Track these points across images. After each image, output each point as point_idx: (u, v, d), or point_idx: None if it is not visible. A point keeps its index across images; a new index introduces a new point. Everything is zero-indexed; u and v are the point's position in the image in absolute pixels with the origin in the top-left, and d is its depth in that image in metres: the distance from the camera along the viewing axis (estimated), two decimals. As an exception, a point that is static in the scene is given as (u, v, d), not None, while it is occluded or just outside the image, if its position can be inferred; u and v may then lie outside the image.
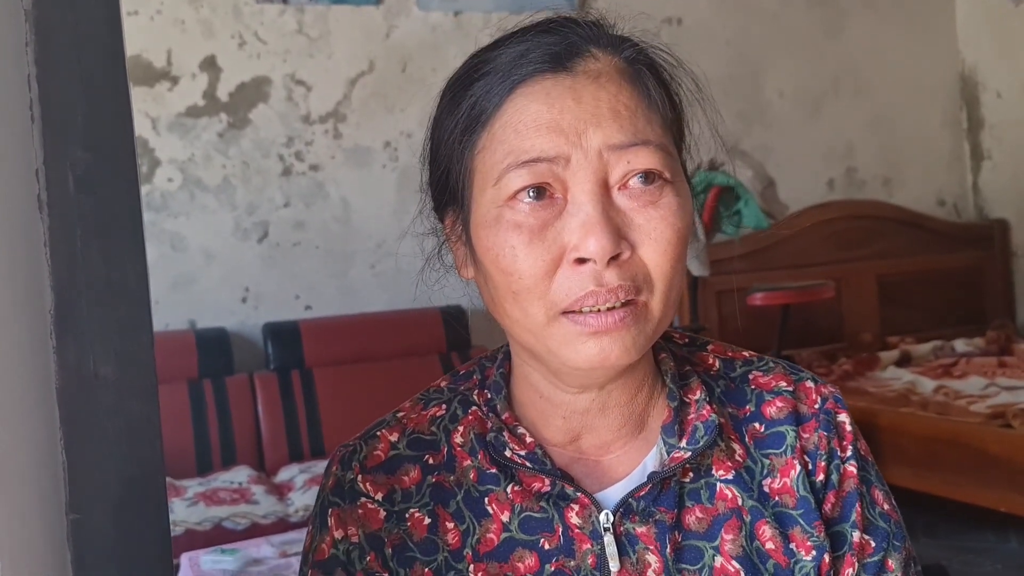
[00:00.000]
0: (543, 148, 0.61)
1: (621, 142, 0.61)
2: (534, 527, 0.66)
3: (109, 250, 0.69)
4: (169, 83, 3.12)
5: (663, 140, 0.63)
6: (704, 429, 0.67)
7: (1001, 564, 2.77)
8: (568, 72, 0.62)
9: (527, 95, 0.62)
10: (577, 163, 0.61)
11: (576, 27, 0.65)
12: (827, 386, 0.73)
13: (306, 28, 3.27)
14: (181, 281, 3.12)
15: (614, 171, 0.61)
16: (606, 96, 0.62)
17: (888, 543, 0.69)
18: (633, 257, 0.62)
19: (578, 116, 0.61)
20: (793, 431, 0.70)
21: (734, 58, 3.88)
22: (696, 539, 0.67)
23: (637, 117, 0.62)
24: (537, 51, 0.63)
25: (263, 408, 2.98)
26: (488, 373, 0.73)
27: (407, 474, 0.69)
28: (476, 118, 0.64)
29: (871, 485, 0.71)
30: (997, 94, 4.20)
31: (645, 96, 0.64)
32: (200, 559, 1.87)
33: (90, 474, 0.67)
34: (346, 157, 3.32)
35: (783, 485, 0.68)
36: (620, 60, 0.65)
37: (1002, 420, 2.69)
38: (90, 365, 0.68)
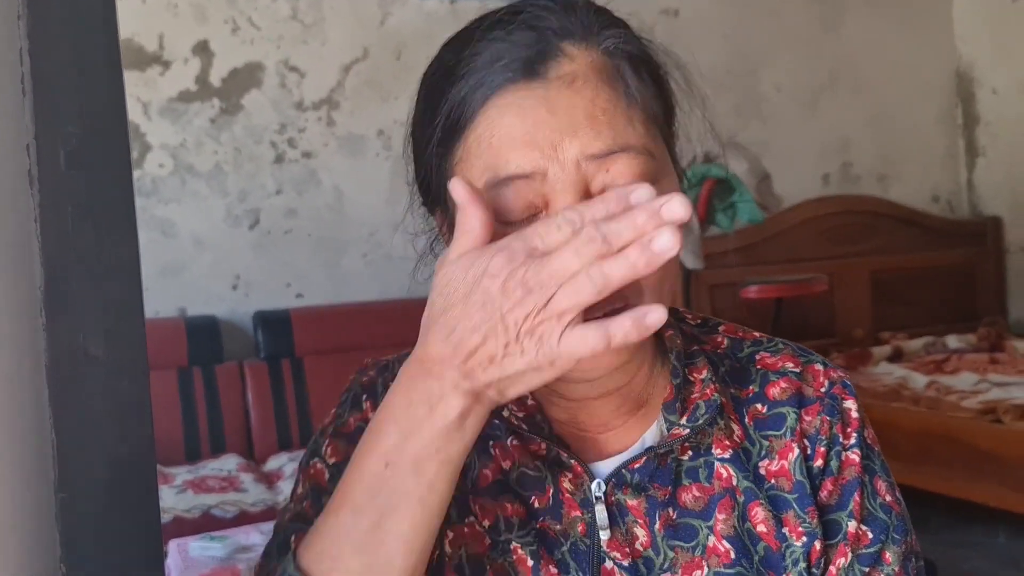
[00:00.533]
0: (518, 164, 0.59)
1: (599, 150, 0.59)
2: (528, 484, 0.67)
3: (100, 227, 0.68)
4: (161, 67, 3.09)
5: (645, 140, 0.61)
6: (706, 407, 0.67)
7: (989, 559, 2.78)
8: (541, 80, 0.60)
9: (500, 107, 0.60)
10: (554, 176, 0.59)
11: (548, 16, 0.62)
12: (837, 371, 0.72)
13: (300, 14, 3.25)
14: (171, 268, 3.10)
15: (595, 180, 0.60)
16: (581, 102, 0.60)
17: (887, 535, 0.68)
18: None
19: (553, 128, 0.59)
20: (794, 413, 0.69)
21: (731, 51, 3.87)
22: (692, 517, 0.66)
23: (616, 119, 0.60)
24: (509, 55, 0.61)
25: (253, 397, 2.97)
26: None
27: None
28: (451, 129, 0.63)
29: (875, 475, 0.70)
30: (993, 91, 4.21)
31: (624, 93, 0.61)
32: (188, 545, 1.86)
33: (79, 453, 0.66)
34: (339, 145, 3.30)
35: (780, 468, 0.68)
36: (598, 54, 0.62)
37: (992, 416, 2.70)
38: (80, 343, 0.67)
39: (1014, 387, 3.00)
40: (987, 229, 4.20)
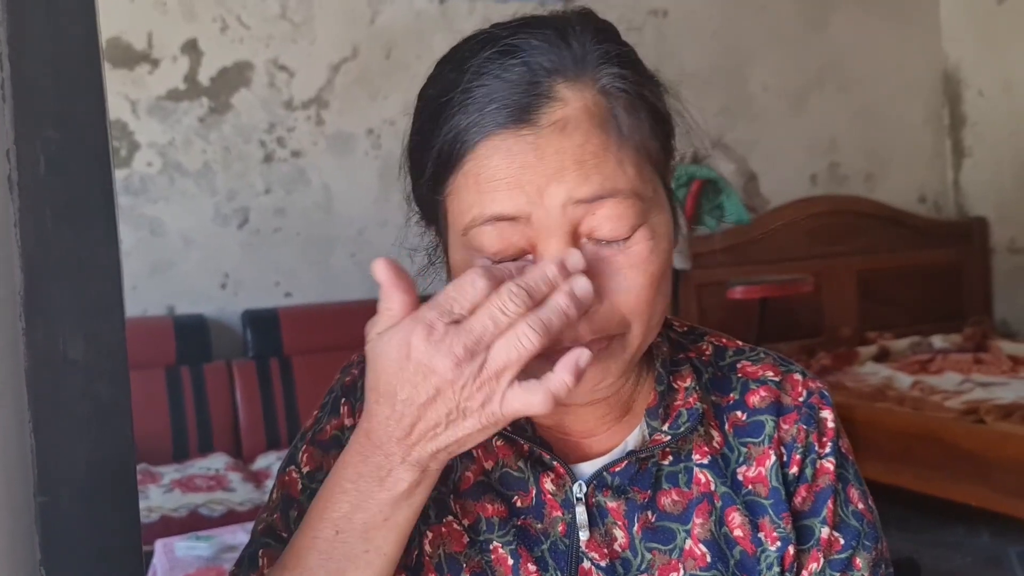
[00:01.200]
0: (503, 206, 0.60)
1: (587, 195, 0.59)
2: (511, 484, 0.68)
3: (80, 231, 0.68)
4: (149, 66, 3.08)
5: (635, 183, 0.60)
6: (688, 416, 0.68)
7: (972, 558, 2.80)
8: (532, 126, 0.60)
9: (489, 148, 0.60)
10: (539, 221, 0.59)
11: (544, 52, 0.61)
12: (815, 381, 0.73)
13: (289, 13, 3.24)
14: (160, 266, 3.10)
15: (582, 223, 0.60)
16: (571, 147, 0.59)
17: (859, 542, 0.70)
18: (604, 307, 0.61)
19: (539, 172, 0.59)
20: (773, 421, 0.70)
21: (719, 51, 3.88)
22: (671, 521, 0.68)
23: (606, 163, 0.59)
24: (502, 96, 0.60)
25: (241, 395, 2.97)
26: None
27: None
28: (444, 163, 0.63)
29: (848, 483, 0.71)
30: (979, 92, 4.23)
31: (616, 136, 0.61)
32: (174, 545, 1.86)
33: (58, 456, 0.66)
34: (328, 144, 3.30)
35: (758, 474, 0.69)
36: (592, 94, 0.61)
37: (975, 416, 2.72)
38: (59, 347, 0.67)
39: (997, 387, 3.02)
40: (973, 229, 4.22)
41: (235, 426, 2.96)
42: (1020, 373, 3.21)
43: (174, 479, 2.59)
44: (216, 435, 2.91)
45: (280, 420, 2.98)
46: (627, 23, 3.63)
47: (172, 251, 3.11)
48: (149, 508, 2.41)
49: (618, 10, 3.59)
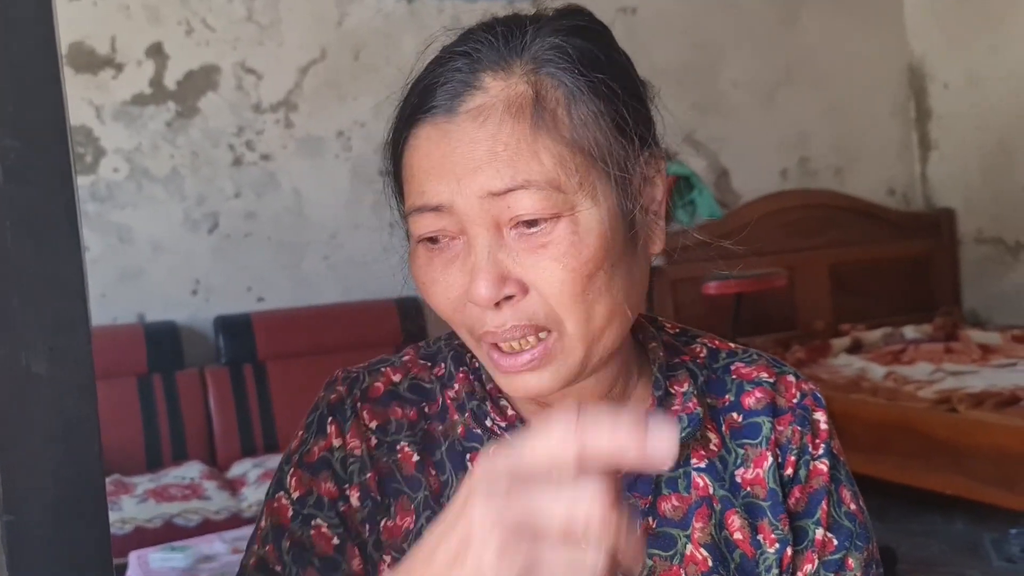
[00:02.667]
0: (428, 196, 0.61)
1: (499, 188, 0.59)
2: None
3: (42, 243, 0.66)
4: (114, 70, 3.04)
5: (553, 174, 0.59)
6: (688, 421, 0.68)
7: (947, 545, 2.84)
8: (452, 115, 0.61)
9: (418, 137, 0.62)
10: (461, 209, 0.60)
11: (487, 44, 0.62)
12: (808, 383, 0.74)
13: (256, 15, 3.21)
14: (129, 274, 3.06)
15: (500, 214, 0.60)
16: (484, 137, 0.59)
17: (851, 542, 0.70)
18: (528, 297, 0.61)
19: (456, 163, 0.60)
20: (769, 422, 0.70)
21: (689, 48, 3.90)
22: (671, 527, 0.68)
23: (519, 155, 0.59)
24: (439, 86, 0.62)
25: (215, 403, 2.94)
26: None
27: (403, 409, 0.70)
28: (393, 149, 0.65)
29: (840, 484, 0.72)
30: (944, 85, 4.28)
31: (535, 125, 0.60)
32: (149, 557, 1.83)
33: (25, 474, 0.64)
34: (298, 147, 3.27)
35: (756, 476, 0.69)
36: (517, 82, 0.61)
37: (948, 405, 2.75)
38: (23, 362, 0.66)
39: (968, 376, 3.06)
40: (941, 221, 4.27)
41: (209, 434, 2.93)
42: (990, 361, 3.26)
43: (148, 489, 2.56)
44: (190, 443, 2.88)
45: (255, 427, 2.95)
46: (596, 21, 3.63)
47: (141, 258, 3.07)
48: (122, 519, 2.37)
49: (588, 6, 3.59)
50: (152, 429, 2.84)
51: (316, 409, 0.71)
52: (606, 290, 0.62)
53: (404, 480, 0.68)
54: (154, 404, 2.86)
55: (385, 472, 0.68)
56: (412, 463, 0.68)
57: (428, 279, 0.64)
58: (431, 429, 0.70)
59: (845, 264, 4.00)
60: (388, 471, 0.68)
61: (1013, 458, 2.47)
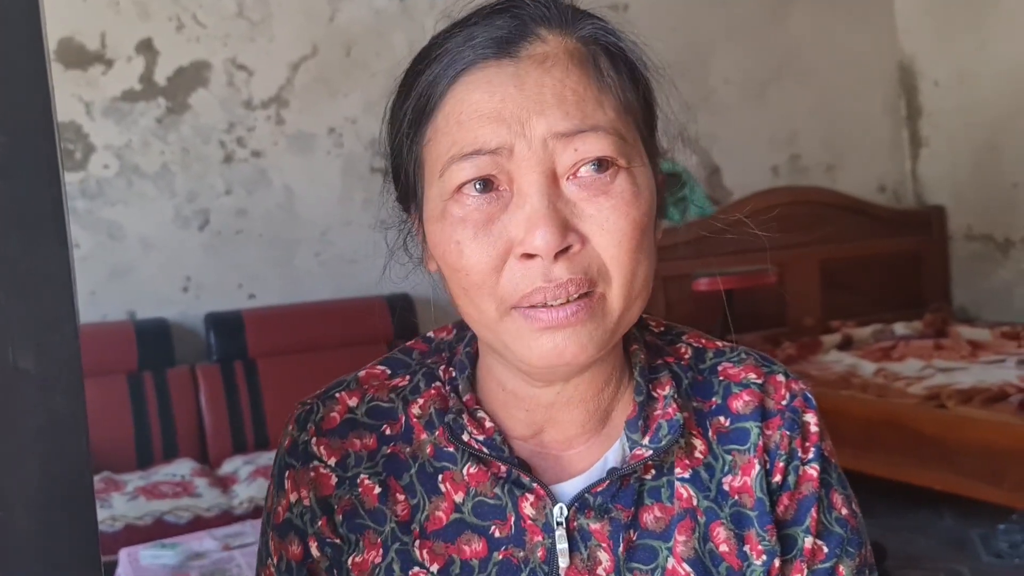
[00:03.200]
0: (485, 139, 0.59)
1: (567, 129, 0.59)
2: (486, 513, 0.65)
3: (29, 240, 0.66)
4: (103, 66, 3.02)
5: (616, 124, 0.60)
6: (668, 428, 0.66)
7: (936, 540, 2.85)
8: (512, 58, 0.60)
9: (469, 84, 0.60)
10: (521, 153, 0.59)
11: (527, 5, 0.63)
12: (798, 382, 0.71)
13: (247, 11, 3.20)
14: (119, 271, 3.05)
15: (561, 160, 0.59)
16: (551, 81, 0.60)
17: (842, 549, 0.68)
18: (585, 249, 0.59)
19: (520, 104, 0.59)
20: (757, 427, 0.68)
21: (680, 45, 3.90)
22: (652, 538, 0.65)
23: (586, 102, 0.60)
24: (482, 36, 0.61)
25: (206, 400, 2.93)
26: (456, 351, 0.71)
27: (361, 439, 0.68)
28: (422, 109, 0.62)
29: (831, 488, 0.69)
30: (934, 83, 4.30)
31: (596, 79, 0.61)
32: (139, 554, 1.83)
33: (11, 471, 0.64)
34: (289, 143, 3.26)
35: (743, 484, 0.67)
36: (572, 41, 0.62)
37: (937, 401, 2.76)
38: (9, 358, 0.66)
39: (957, 372, 3.07)
40: (932, 217, 4.29)
41: (200, 431, 2.92)
42: (979, 358, 3.27)
43: (138, 486, 2.55)
44: (181, 440, 2.87)
45: (246, 424, 2.95)
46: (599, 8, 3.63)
47: (132, 255, 3.06)
48: (113, 517, 2.37)
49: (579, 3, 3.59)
50: (143, 426, 2.83)
51: (276, 461, 0.70)
52: (649, 253, 0.62)
53: (367, 514, 0.66)
54: (145, 401, 2.85)
55: (348, 508, 0.67)
56: (374, 496, 0.67)
57: (463, 238, 0.60)
58: (396, 451, 0.68)
59: (836, 261, 4.01)
60: (351, 507, 0.67)
61: (1001, 454, 2.48)
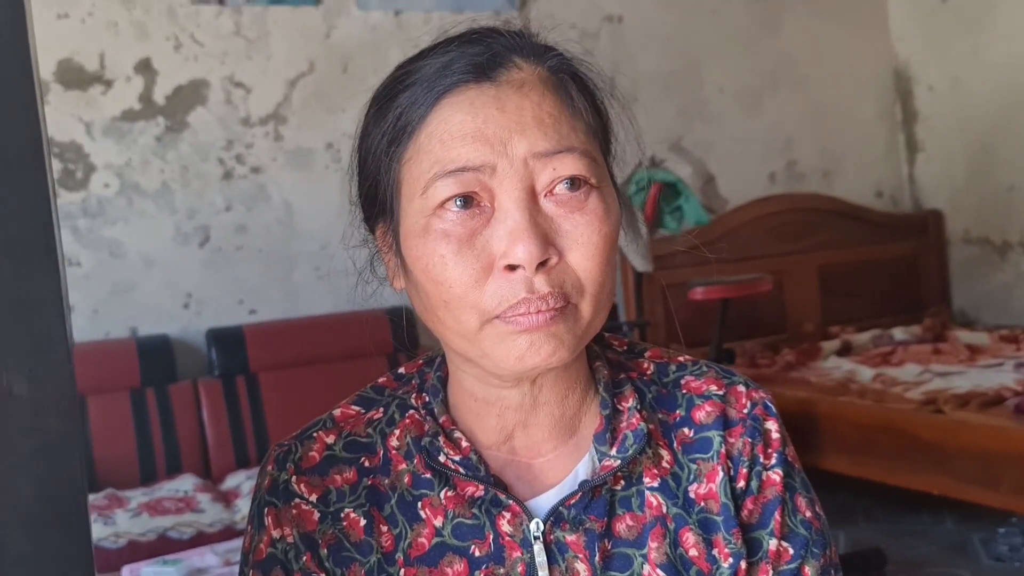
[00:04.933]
0: (468, 157, 0.62)
1: (546, 149, 0.62)
2: (465, 533, 0.67)
3: (20, 264, 0.67)
4: (103, 86, 3.06)
5: (588, 147, 0.64)
6: (634, 438, 0.68)
7: (936, 545, 2.85)
8: (492, 82, 0.63)
9: (451, 105, 0.63)
10: (503, 171, 0.62)
11: (500, 37, 0.66)
12: (759, 391, 0.73)
13: (244, 29, 3.23)
14: (121, 288, 3.07)
15: (540, 178, 0.62)
16: (529, 104, 0.63)
17: (807, 550, 0.70)
18: (561, 263, 0.63)
19: (502, 125, 0.62)
20: (720, 436, 0.70)
21: (675, 54, 3.93)
22: (626, 547, 0.67)
23: (561, 124, 0.63)
24: (461, 61, 0.64)
25: (208, 415, 2.95)
26: (427, 377, 0.74)
27: (341, 474, 0.70)
28: (402, 129, 0.65)
29: (795, 492, 0.71)
30: (929, 88, 4.31)
31: (568, 104, 0.65)
32: (141, 571, 1.85)
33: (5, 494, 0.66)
34: (287, 159, 3.29)
35: (709, 491, 0.69)
36: (543, 69, 0.66)
37: (934, 406, 2.76)
38: (3, 383, 0.67)
39: (955, 376, 3.08)
40: (929, 222, 4.30)
41: (203, 446, 2.94)
42: (977, 362, 3.28)
43: (142, 502, 2.57)
44: (184, 456, 2.88)
45: (248, 438, 2.96)
46: (582, 29, 3.66)
47: (133, 272, 3.09)
48: (116, 534, 2.38)
49: (574, 16, 3.62)
50: (146, 443, 2.84)
51: (255, 499, 0.71)
52: (614, 269, 0.66)
53: (353, 547, 0.68)
54: (148, 418, 2.87)
55: (332, 543, 0.68)
56: (360, 528, 0.68)
57: (447, 252, 0.63)
58: (375, 483, 0.69)
59: (833, 266, 4.02)
60: (335, 541, 0.68)
61: (997, 458, 2.49)
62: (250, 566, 0.69)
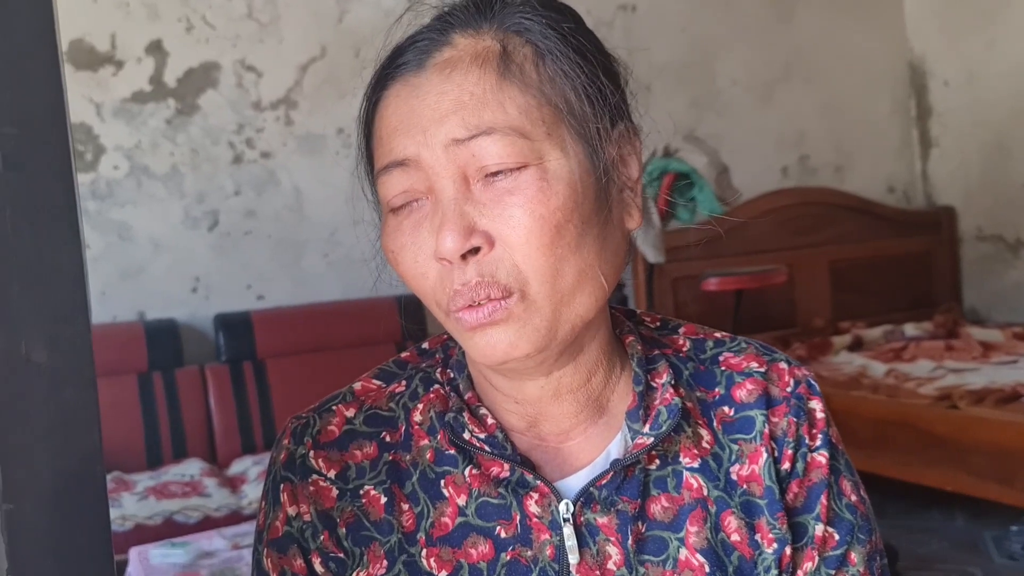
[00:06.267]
0: (395, 152, 0.61)
1: (462, 135, 0.59)
2: (491, 513, 0.64)
3: (41, 231, 0.66)
4: (113, 68, 3.04)
5: (519, 122, 0.60)
6: (667, 413, 0.65)
7: (948, 542, 2.84)
8: (420, 70, 0.62)
9: (387, 99, 0.63)
10: (427, 162, 0.60)
11: (452, 14, 0.64)
12: (801, 368, 0.70)
13: (256, 12, 3.21)
14: (129, 272, 3.06)
15: (467, 164, 0.60)
16: (451, 87, 0.60)
17: (852, 536, 0.68)
18: (495, 251, 0.60)
19: (421, 115, 0.61)
20: (763, 416, 0.67)
21: (688, 45, 3.90)
22: (661, 529, 0.65)
23: (484, 104, 0.60)
24: (406, 54, 0.63)
25: (215, 400, 2.93)
26: (451, 352, 0.71)
27: (361, 449, 0.67)
28: (365, 125, 0.66)
29: (840, 475, 0.69)
30: (944, 83, 4.28)
31: (502, 77, 0.60)
32: (149, 553, 1.83)
33: (23, 463, 0.64)
34: (298, 144, 3.27)
35: (751, 472, 0.66)
36: (487, 40, 0.62)
37: (948, 402, 2.74)
38: (22, 350, 0.66)
39: (968, 373, 3.06)
40: (941, 218, 4.27)
41: (209, 431, 2.93)
42: (990, 358, 3.25)
43: (148, 486, 2.56)
44: (190, 441, 2.87)
45: (255, 424, 2.95)
46: (596, 18, 3.63)
47: (141, 256, 3.07)
48: (123, 516, 2.37)
49: (587, 4, 3.59)
50: (152, 427, 2.84)
51: (269, 472, 0.69)
52: (576, 248, 0.61)
53: (373, 526, 0.65)
54: (154, 402, 2.86)
55: (351, 521, 0.66)
56: (380, 506, 0.66)
57: (397, 246, 0.63)
58: (396, 459, 0.67)
59: (845, 261, 4.00)
60: (354, 519, 0.66)
61: (1013, 455, 2.47)
62: (264, 544, 0.67)
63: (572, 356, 0.65)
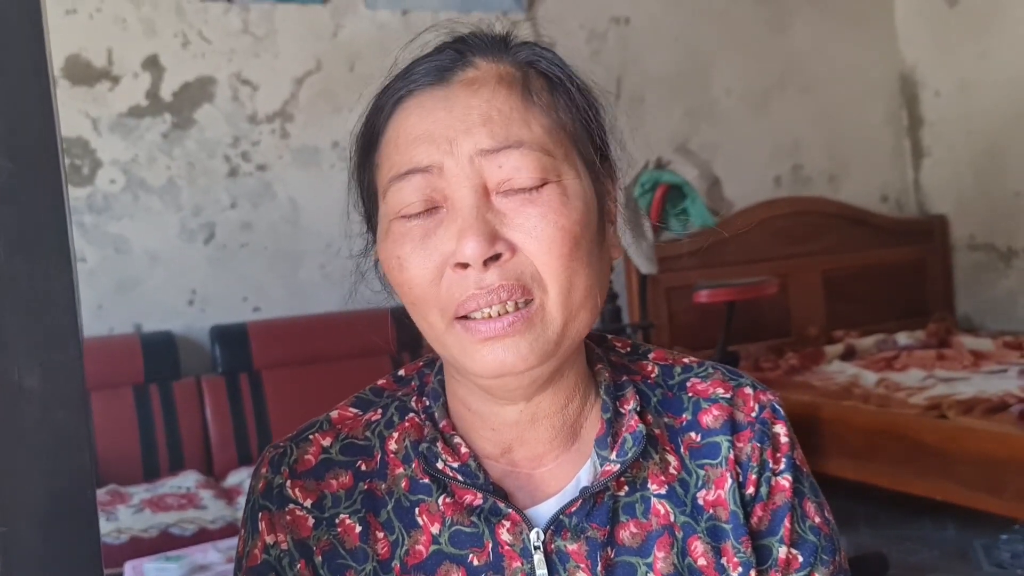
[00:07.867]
0: (417, 159, 0.63)
1: (491, 147, 0.62)
2: (464, 541, 0.66)
3: (34, 262, 0.68)
4: (110, 83, 3.06)
5: (543, 140, 0.63)
6: (632, 440, 0.66)
7: (938, 551, 2.85)
8: (444, 84, 0.64)
9: (406, 110, 0.65)
10: (451, 171, 0.62)
11: (464, 41, 0.67)
12: (767, 393, 0.72)
13: (251, 27, 3.24)
14: (126, 284, 3.07)
15: (491, 175, 0.62)
16: (478, 102, 0.63)
17: (816, 557, 0.69)
18: (517, 257, 0.62)
19: (449, 124, 0.62)
20: (728, 441, 0.69)
21: (682, 56, 3.93)
22: (630, 555, 0.66)
23: (511, 121, 0.63)
24: (424, 67, 0.65)
25: (211, 412, 2.95)
26: (427, 379, 0.72)
27: (337, 479, 0.69)
28: (370, 138, 0.67)
29: (803, 497, 0.70)
30: (936, 93, 4.31)
31: (524, 99, 0.64)
32: (144, 567, 1.85)
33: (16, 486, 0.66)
34: (293, 157, 3.29)
35: (717, 497, 0.68)
36: (505, 66, 0.66)
37: (938, 411, 2.76)
38: (15, 376, 0.67)
39: (959, 382, 3.07)
40: (934, 227, 4.29)
41: (206, 443, 2.94)
42: (981, 368, 3.27)
43: (144, 499, 2.57)
44: (186, 453, 2.89)
45: (251, 436, 2.97)
46: (590, 31, 3.66)
47: (138, 268, 3.09)
48: (119, 529, 2.39)
49: (581, 17, 3.62)
50: (149, 439, 2.85)
51: (248, 501, 0.70)
52: (587, 263, 0.64)
53: (348, 554, 0.66)
54: (151, 414, 2.87)
55: (327, 549, 0.67)
56: (355, 535, 0.67)
57: (404, 252, 0.63)
58: (372, 488, 0.68)
59: (838, 271, 4.02)
60: (330, 548, 0.67)
61: (1001, 464, 2.48)
62: (244, 571, 0.68)
63: (552, 380, 0.66)
